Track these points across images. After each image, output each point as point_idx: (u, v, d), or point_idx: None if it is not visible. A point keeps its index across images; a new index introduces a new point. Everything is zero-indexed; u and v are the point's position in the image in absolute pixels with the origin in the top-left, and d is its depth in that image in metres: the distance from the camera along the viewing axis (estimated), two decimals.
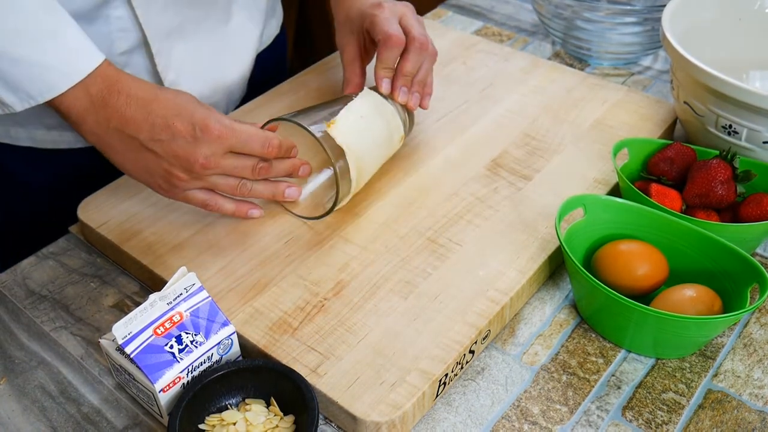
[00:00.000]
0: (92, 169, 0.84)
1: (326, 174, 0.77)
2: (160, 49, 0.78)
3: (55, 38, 0.62)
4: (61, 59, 0.62)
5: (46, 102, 0.64)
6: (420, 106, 0.79)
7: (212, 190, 0.69)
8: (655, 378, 0.63)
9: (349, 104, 0.72)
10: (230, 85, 0.89)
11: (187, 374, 0.58)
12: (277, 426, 0.57)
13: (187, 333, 0.58)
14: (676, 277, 0.67)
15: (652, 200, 0.70)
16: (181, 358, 0.57)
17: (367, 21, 0.77)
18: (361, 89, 0.77)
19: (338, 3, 0.82)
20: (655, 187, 0.71)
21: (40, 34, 0.62)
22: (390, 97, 0.76)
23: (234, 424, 0.56)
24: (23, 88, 0.62)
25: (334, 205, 0.71)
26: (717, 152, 0.72)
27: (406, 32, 0.76)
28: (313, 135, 0.67)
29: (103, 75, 0.64)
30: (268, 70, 0.97)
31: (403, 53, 0.75)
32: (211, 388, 0.58)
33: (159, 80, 0.80)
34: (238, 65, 0.88)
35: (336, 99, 0.75)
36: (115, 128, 0.64)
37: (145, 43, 0.78)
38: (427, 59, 0.77)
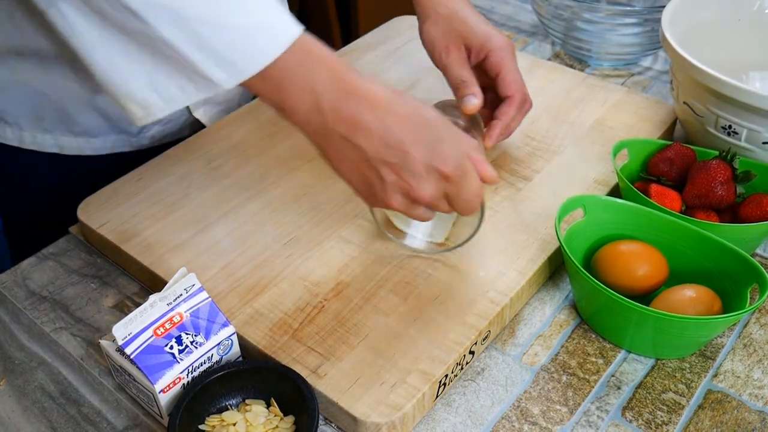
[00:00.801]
0: (93, 170, 0.84)
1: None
2: None
3: (254, 2, 0.54)
4: (264, 25, 0.54)
5: (272, 100, 0.57)
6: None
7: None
8: (655, 378, 0.63)
9: None
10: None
11: (187, 375, 0.58)
12: (277, 426, 0.57)
13: (187, 334, 0.58)
14: (675, 278, 0.67)
15: (651, 201, 0.70)
16: (181, 359, 0.57)
17: (493, 57, 0.74)
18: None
19: (436, 1, 0.76)
20: (654, 187, 0.71)
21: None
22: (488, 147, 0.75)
23: (234, 424, 0.56)
24: (229, 59, 0.54)
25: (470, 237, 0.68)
26: (717, 153, 0.72)
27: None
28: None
29: (328, 67, 0.56)
30: None
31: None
32: (211, 389, 0.58)
33: None
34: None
35: (473, 124, 0.74)
36: (342, 135, 0.57)
37: None
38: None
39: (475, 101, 0.72)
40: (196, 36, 0.53)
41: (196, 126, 0.88)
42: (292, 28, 0.55)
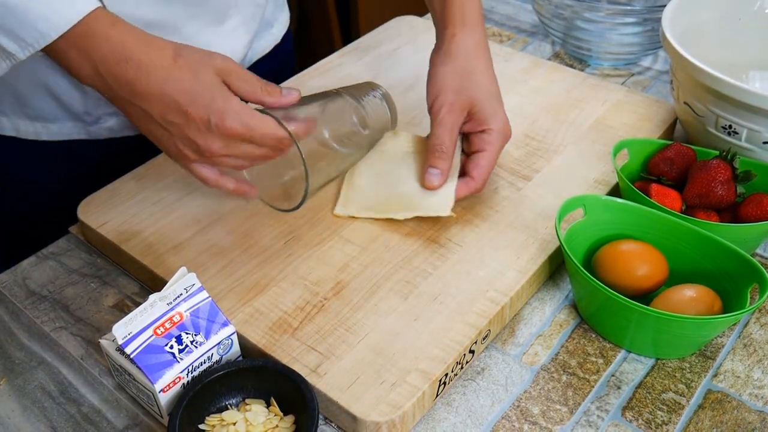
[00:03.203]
0: (92, 169, 0.84)
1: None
2: None
3: None
4: (50, 5, 0.58)
5: (57, 60, 0.61)
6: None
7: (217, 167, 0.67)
8: (655, 378, 0.63)
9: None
10: None
11: (187, 374, 0.58)
12: (277, 426, 0.57)
13: (187, 333, 0.58)
14: (676, 278, 0.67)
15: (652, 200, 0.70)
16: (181, 359, 0.57)
17: (483, 138, 0.73)
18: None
19: (459, 44, 0.75)
20: (655, 187, 0.71)
21: None
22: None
23: (234, 424, 0.56)
24: (18, 34, 0.59)
25: (303, 199, 0.70)
26: (717, 152, 0.72)
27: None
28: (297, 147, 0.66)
29: (105, 36, 0.60)
30: (276, 79, 0.96)
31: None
32: (211, 388, 0.58)
33: None
34: None
35: (324, 95, 0.74)
36: (127, 99, 0.62)
37: None
38: None
39: (437, 181, 0.72)
40: None
41: None
42: (78, 7, 0.59)
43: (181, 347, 0.57)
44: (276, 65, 0.98)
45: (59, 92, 0.80)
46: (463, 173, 0.74)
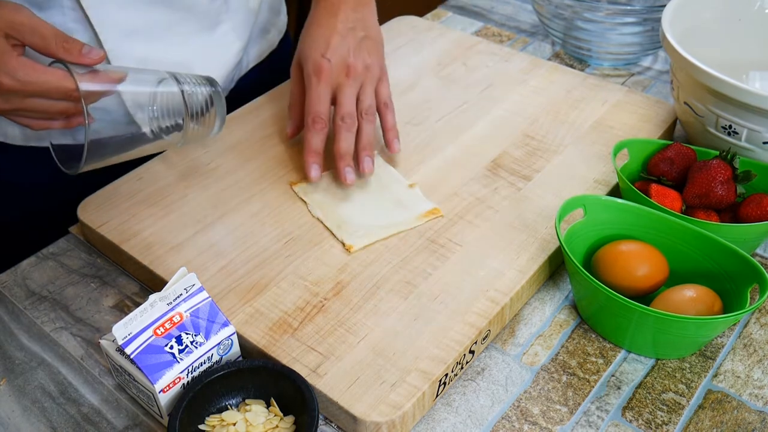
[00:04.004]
0: (93, 170, 0.84)
1: None
2: (113, 48, 0.76)
3: None
4: None
5: None
6: (390, 151, 0.79)
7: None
8: (655, 378, 0.63)
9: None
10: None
11: (187, 375, 0.58)
12: (277, 426, 0.57)
13: (187, 333, 0.58)
14: (676, 278, 0.67)
15: (652, 201, 0.70)
16: (181, 359, 0.57)
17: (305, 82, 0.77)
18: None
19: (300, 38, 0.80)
20: (655, 187, 0.71)
21: None
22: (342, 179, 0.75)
23: (234, 424, 0.56)
24: None
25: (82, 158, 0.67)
26: (717, 153, 0.72)
27: (336, 107, 0.76)
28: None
29: None
30: (273, 84, 0.96)
31: (335, 132, 0.75)
32: (211, 389, 0.58)
33: None
34: (214, 75, 0.87)
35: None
36: None
37: (99, 40, 0.76)
38: (368, 85, 0.77)
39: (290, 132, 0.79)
40: None
41: None
42: None
43: (181, 347, 0.57)
44: (273, 70, 0.98)
45: None
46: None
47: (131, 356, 0.56)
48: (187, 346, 0.57)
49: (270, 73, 0.97)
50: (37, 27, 0.62)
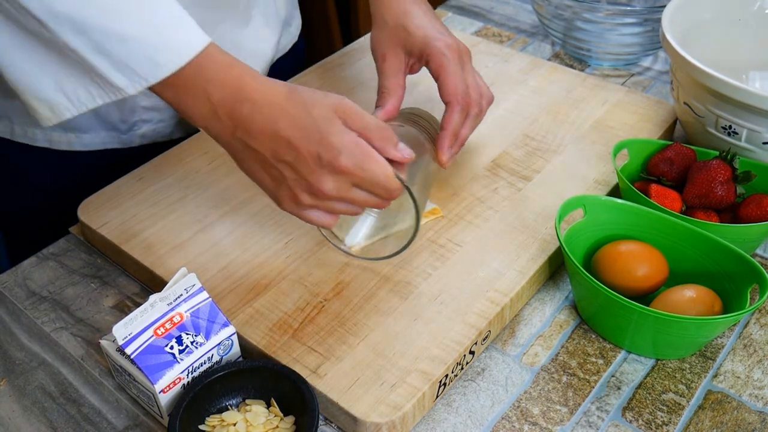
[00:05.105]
0: (93, 170, 0.84)
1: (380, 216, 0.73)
2: None
3: (158, 14, 0.57)
4: (168, 36, 0.57)
5: (173, 105, 0.59)
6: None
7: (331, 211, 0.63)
8: (655, 379, 0.63)
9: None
10: None
11: (188, 375, 0.58)
12: (277, 427, 0.57)
13: (187, 334, 0.58)
14: (676, 278, 0.67)
15: (652, 201, 0.70)
16: (182, 359, 0.57)
17: (433, 61, 0.72)
18: (400, 104, 0.73)
19: (385, 3, 0.75)
20: (654, 187, 0.71)
21: (143, 10, 0.57)
22: (442, 161, 0.71)
23: (234, 424, 0.56)
24: (133, 68, 0.56)
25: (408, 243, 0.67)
26: (717, 153, 0.72)
27: (468, 97, 0.72)
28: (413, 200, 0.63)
29: (220, 76, 0.58)
30: (287, 78, 0.96)
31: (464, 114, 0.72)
32: (212, 389, 0.58)
33: None
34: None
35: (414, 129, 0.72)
36: (239, 138, 0.59)
37: None
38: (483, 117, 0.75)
39: (380, 113, 0.70)
40: (99, 45, 0.55)
41: (186, 125, 0.88)
42: (194, 42, 0.58)
43: (181, 348, 0.57)
44: (291, 63, 0.99)
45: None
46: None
47: (131, 356, 0.56)
48: (187, 346, 0.57)
49: (288, 66, 0.97)
50: (362, 113, 0.61)
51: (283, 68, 0.97)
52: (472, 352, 0.63)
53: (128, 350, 0.56)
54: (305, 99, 0.59)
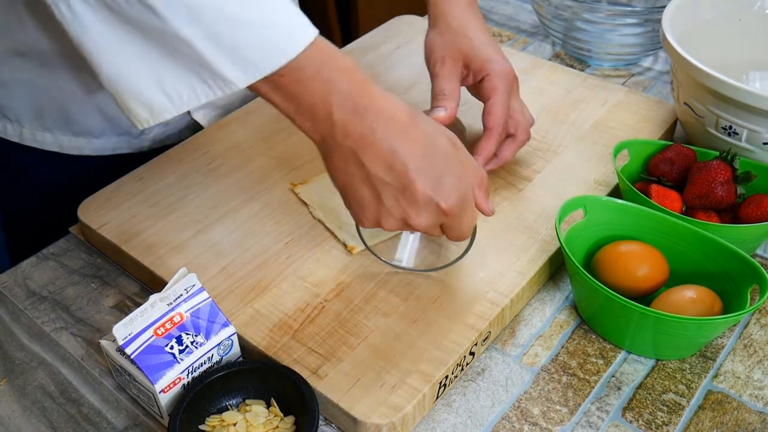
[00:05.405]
0: (94, 171, 0.84)
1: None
2: None
3: (272, 1, 0.54)
4: (283, 23, 0.53)
5: (284, 112, 0.56)
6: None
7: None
8: (656, 379, 0.63)
9: None
10: (243, 89, 0.88)
11: (188, 375, 0.58)
12: (277, 427, 0.57)
13: (187, 334, 0.58)
14: (676, 278, 0.67)
15: (652, 201, 0.70)
16: (182, 359, 0.57)
17: (486, 83, 0.72)
18: (458, 107, 0.72)
19: (448, 11, 0.74)
20: (655, 188, 0.71)
21: None
22: None
23: (234, 424, 0.56)
24: (247, 57, 0.53)
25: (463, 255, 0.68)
26: (717, 153, 0.72)
27: (514, 119, 0.73)
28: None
29: (349, 78, 0.55)
30: None
31: (506, 139, 0.73)
32: (212, 389, 0.58)
33: None
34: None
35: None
36: (350, 148, 0.56)
37: None
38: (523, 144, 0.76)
39: (442, 113, 0.69)
40: (214, 33, 0.52)
41: (196, 128, 0.88)
42: (309, 29, 0.54)
43: (181, 348, 0.57)
44: None
45: (109, 109, 0.80)
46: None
47: (131, 356, 0.56)
48: (187, 346, 0.57)
49: None
50: (466, 153, 0.60)
51: None
52: (472, 353, 0.63)
53: (128, 350, 0.56)
54: (427, 125, 0.57)
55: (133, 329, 0.56)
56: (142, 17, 0.52)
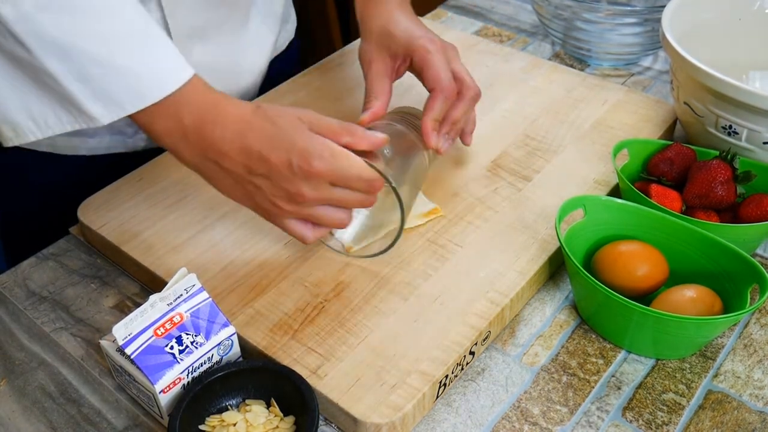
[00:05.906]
0: (94, 171, 0.84)
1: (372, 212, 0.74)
2: (181, 50, 0.77)
3: (147, 44, 0.59)
4: (154, 67, 0.59)
5: (143, 127, 0.61)
6: (464, 143, 0.78)
7: (313, 222, 0.64)
8: (656, 379, 0.63)
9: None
10: (243, 89, 0.88)
11: (188, 375, 0.58)
12: (277, 427, 0.57)
13: (187, 334, 0.58)
14: (676, 278, 0.67)
15: (652, 201, 0.70)
16: (182, 359, 0.57)
17: (417, 56, 0.73)
18: (387, 106, 0.74)
19: (371, 15, 0.77)
20: (655, 187, 0.71)
21: (134, 39, 0.58)
22: (431, 146, 0.72)
23: (234, 424, 0.56)
24: (113, 97, 0.58)
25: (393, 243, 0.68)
26: (717, 153, 0.72)
27: (458, 79, 0.73)
28: (396, 194, 0.64)
29: (197, 100, 0.60)
30: (283, 75, 0.96)
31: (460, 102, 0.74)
32: (212, 389, 0.58)
33: None
34: (252, 70, 0.88)
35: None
36: (211, 159, 0.61)
37: None
38: (473, 103, 0.76)
39: (366, 115, 0.70)
40: (81, 72, 0.56)
41: None
42: (180, 74, 0.60)
43: (181, 348, 0.57)
44: (288, 62, 0.99)
45: None
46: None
47: (131, 357, 0.56)
48: (187, 346, 0.57)
49: (285, 66, 0.97)
50: (325, 118, 0.62)
51: (281, 68, 0.96)
52: (472, 353, 0.63)
53: (128, 350, 0.56)
54: (269, 112, 0.61)
55: (133, 329, 0.56)
56: (15, 49, 0.55)
